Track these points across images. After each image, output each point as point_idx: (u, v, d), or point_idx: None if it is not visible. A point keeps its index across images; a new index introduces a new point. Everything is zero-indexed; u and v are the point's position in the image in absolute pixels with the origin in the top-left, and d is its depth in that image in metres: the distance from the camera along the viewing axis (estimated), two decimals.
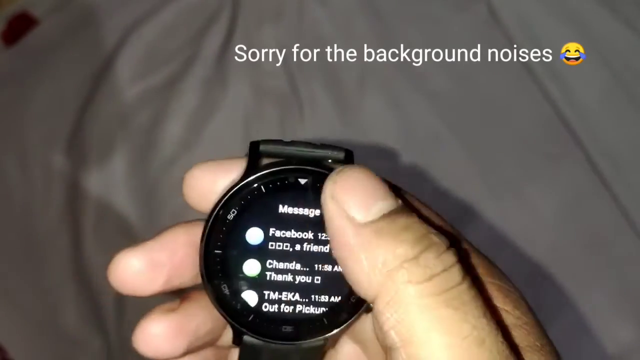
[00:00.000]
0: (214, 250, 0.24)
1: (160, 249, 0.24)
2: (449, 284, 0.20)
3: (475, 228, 0.58)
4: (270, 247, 0.24)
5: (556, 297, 0.57)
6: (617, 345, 0.55)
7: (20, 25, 0.63)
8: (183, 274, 0.25)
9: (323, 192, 0.22)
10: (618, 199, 0.57)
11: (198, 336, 0.25)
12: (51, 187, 0.59)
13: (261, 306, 0.24)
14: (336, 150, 0.25)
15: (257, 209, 0.24)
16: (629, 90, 0.59)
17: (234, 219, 0.24)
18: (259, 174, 0.24)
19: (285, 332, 0.24)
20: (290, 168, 0.24)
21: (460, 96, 0.61)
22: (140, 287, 0.24)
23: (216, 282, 0.24)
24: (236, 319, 0.24)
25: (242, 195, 0.24)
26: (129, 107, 0.61)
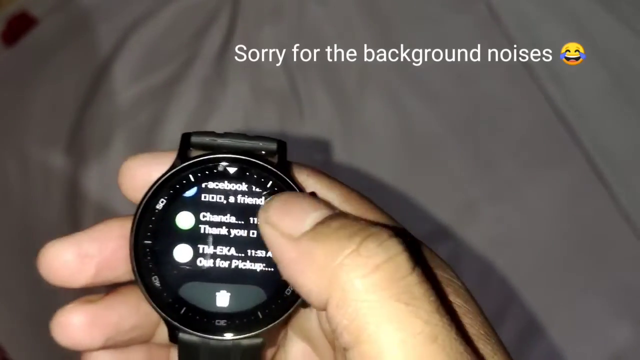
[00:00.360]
0: (143, 240, 0.24)
1: (90, 240, 0.24)
2: (397, 274, 0.20)
3: (475, 228, 0.58)
4: (201, 231, 0.24)
5: (555, 297, 0.57)
6: (615, 345, 0.55)
7: (20, 25, 0.63)
8: (116, 267, 0.24)
9: (258, 221, 0.22)
10: (617, 199, 0.57)
11: (120, 330, 0.25)
12: (51, 186, 0.59)
13: (195, 261, 0.24)
14: (268, 141, 0.25)
15: (186, 199, 0.24)
16: (629, 90, 0.59)
17: (163, 209, 0.24)
18: (187, 163, 0.24)
19: (219, 326, 0.23)
20: (219, 157, 0.24)
21: (460, 96, 0.61)
22: (68, 278, 0.24)
23: (147, 273, 0.23)
24: (168, 312, 0.23)
25: (171, 184, 0.24)
26: (129, 107, 0.61)
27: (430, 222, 0.58)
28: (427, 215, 0.59)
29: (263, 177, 0.24)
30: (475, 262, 0.57)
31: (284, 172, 0.24)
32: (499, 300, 0.57)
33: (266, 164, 0.24)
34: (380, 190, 0.59)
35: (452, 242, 0.58)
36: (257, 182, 0.24)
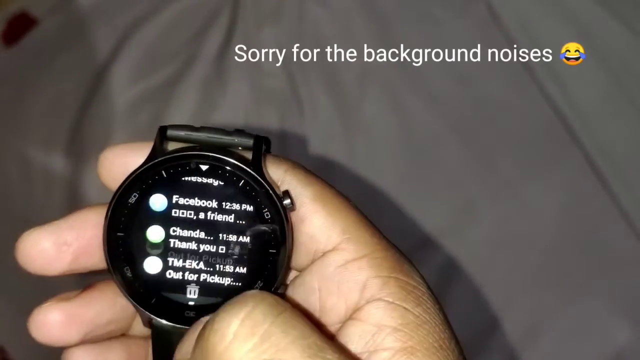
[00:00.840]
0: (116, 233, 0.24)
1: (67, 228, 0.25)
2: (255, 329, 0.20)
3: (475, 228, 0.58)
4: (172, 232, 0.24)
5: (555, 297, 0.57)
6: (615, 346, 0.55)
7: (20, 25, 0.63)
8: (92, 254, 0.25)
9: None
10: (617, 199, 0.57)
11: (98, 325, 0.25)
12: (51, 187, 0.60)
13: (165, 272, 0.24)
14: (245, 136, 0.25)
15: (159, 194, 0.24)
16: (629, 90, 0.59)
17: (136, 202, 0.24)
18: (160, 159, 0.24)
19: (188, 317, 0.24)
20: (191, 154, 0.24)
21: (460, 96, 0.61)
22: (45, 266, 0.25)
23: (119, 264, 0.24)
24: (140, 301, 0.24)
25: (144, 179, 0.24)
26: (129, 107, 0.61)
27: (430, 222, 0.58)
28: (427, 215, 0.59)
29: (235, 176, 0.24)
30: (475, 262, 0.57)
31: (256, 170, 0.24)
32: (499, 300, 0.57)
33: (238, 162, 0.24)
34: (380, 190, 0.59)
35: (451, 242, 0.58)
36: (229, 180, 0.24)
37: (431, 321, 0.22)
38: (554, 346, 0.56)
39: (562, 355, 0.56)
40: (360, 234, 0.24)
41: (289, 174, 0.25)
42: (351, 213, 0.24)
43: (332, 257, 0.24)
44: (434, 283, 0.60)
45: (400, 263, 0.24)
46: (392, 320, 0.22)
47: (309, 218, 0.24)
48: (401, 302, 0.22)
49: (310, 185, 0.24)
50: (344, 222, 0.24)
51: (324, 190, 0.25)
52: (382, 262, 0.23)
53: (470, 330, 0.56)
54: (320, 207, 0.24)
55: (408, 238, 0.58)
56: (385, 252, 0.24)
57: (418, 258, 0.57)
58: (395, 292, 0.23)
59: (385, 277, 0.23)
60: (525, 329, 0.56)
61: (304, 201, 0.24)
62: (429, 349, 0.22)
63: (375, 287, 0.23)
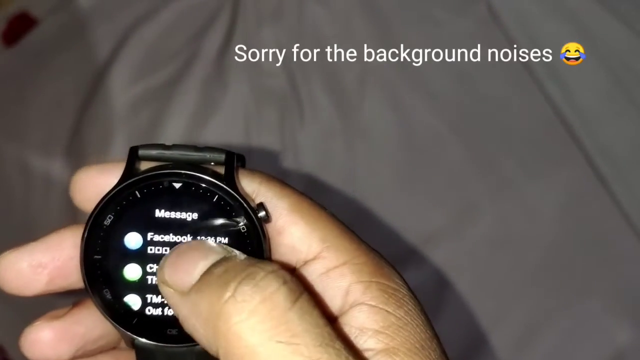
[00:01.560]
0: (93, 255, 0.24)
1: (42, 250, 0.25)
2: (274, 312, 0.20)
3: (475, 228, 0.58)
4: (150, 251, 0.24)
5: (555, 297, 0.57)
6: (615, 346, 0.55)
7: (20, 26, 0.63)
8: (68, 275, 0.25)
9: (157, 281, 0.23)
10: (617, 199, 0.57)
11: (88, 340, 0.26)
12: (51, 187, 0.59)
13: (144, 310, 0.24)
14: (217, 152, 0.25)
15: (134, 214, 0.24)
16: (629, 90, 0.59)
17: (111, 225, 0.24)
18: (133, 179, 0.24)
19: (170, 334, 0.24)
20: (164, 172, 0.24)
21: (460, 96, 0.61)
22: (22, 287, 0.25)
23: (98, 287, 0.24)
24: (121, 323, 0.24)
25: (118, 200, 0.24)
26: (129, 107, 0.61)
27: (430, 221, 0.58)
28: (427, 215, 0.59)
29: (208, 192, 0.24)
30: (475, 262, 0.58)
31: (229, 184, 0.24)
32: (499, 300, 0.57)
33: (211, 177, 0.24)
34: (381, 190, 0.59)
35: (451, 241, 0.58)
36: (203, 196, 0.24)
37: (412, 322, 0.23)
38: (554, 346, 0.56)
39: (562, 356, 0.56)
40: (339, 242, 0.24)
41: (263, 186, 0.25)
42: (329, 222, 0.25)
43: (313, 266, 0.24)
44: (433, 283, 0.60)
45: (381, 267, 0.24)
46: (375, 323, 0.23)
47: (287, 229, 0.24)
48: (383, 306, 0.23)
49: (286, 197, 0.25)
50: (322, 231, 0.24)
51: (301, 201, 0.25)
52: (362, 268, 0.24)
53: (470, 329, 0.56)
54: (298, 218, 0.24)
55: (408, 238, 0.58)
56: (365, 257, 0.24)
57: (418, 257, 0.57)
58: (377, 295, 0.23)
59: (367, 281, 0.23)
60: (525, 328, 0.56)
61: (281, 213, 0.24)
62: (411, 349, 0.22)
63: (357, 292, 0.23)
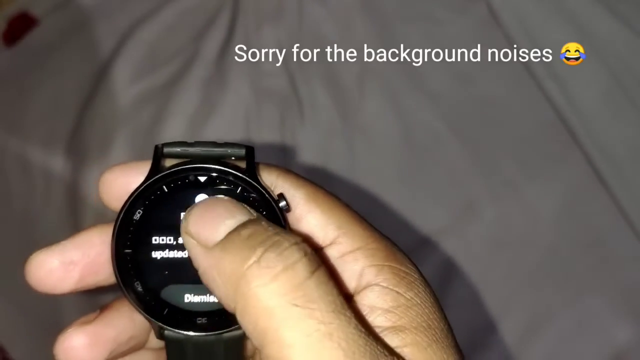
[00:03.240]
0: (124, 250, 0.25)
1: (73, 248, 0.26)
2: (294, 280, 0.22)
3: (475, 227, 0.58)
4: (177, 243, 0.25)
5: (555, 296, 0.57)
6: (615, 346, 0.55)
7: (20, 25, 0.63)
8: (98, 271, 0.26)
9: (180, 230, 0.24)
10: (617, 199, 0.57)
11: (120, 342, 0.27)
12: (51, 187, 0.60)
13: (176, 300, 0.25)
14: (237, 147, 0.26)
15: (162, 208, 0.25)
16: (629, 90, 0.59)
17: (140, 219, 0.25)
18: (160, 175, 0.25)
19: (200, 323, 0.25)
20: (189, 167, 0.25)
21: (460, 96, 0.61)
22: (54, 285, 0.26)
23: (129, 280, 0.25)
24: (152, 314, 0.25)
25: (146, 195, 0.25)
26: (129, 107, 0.61)
27: (430, 221, 0.58)
28: (427, 214, 0.59)
29: (232, 184, 0.26)
30: (476, 262, 0.58)
31: (251, 177, 0.25)
32: (499, 299, 0.57)
33: (234, 170, 0.25)
34: (381, 189, 0.59)
35: (451, 241, 0.58)
36: (226, 188, 0.26)
37: (421, 304, 0.24)
38: (554, 345, 0.56)
39: (562, 355, 0.56)
40: (354, 229, 0.25)
41: (280, 179, 0.26)
42: (344, 210, 0.26)
43: (329, 251, 0.25)
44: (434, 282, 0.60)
45: (393, 252, 0.25)
46: (385, 303, 0.24)
47: (305, 217, 0.26)
48: (394, 287, 0.24)
49: (303, 187, 0.26)
50: (338, 219, 0.26)
51: (316, 191, 0.26)
52: (376, 253, 0.25)
53: (470, 328, 0.56)
54: (315, 207, 0.26)
55: (408, 237, 0.58)
56: (378, 243, 0.25)
57: (418, 257, 0.57)
58: (389, 277, 0.24)
59: (380, 265, 0.25)
60: (525, 328, 0.56)
61: (299, 202, 0.26)
62: (417, 328, 0.23)
63: (370, 274, 0.25)
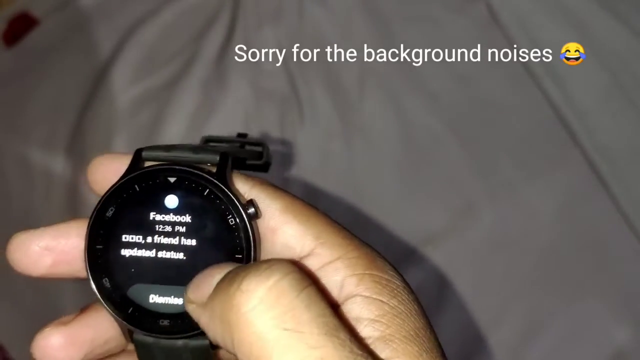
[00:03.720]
0: (95, 245, 0.26)
1: (51, 235, 0.27)
2: (282, 300, 0.21)
3: (474, 228, 0.58)
4: (146, 242, 0.26)
5: (554, 297, 0.57)
6: (614, 346, 0.55)
7: (20, 26, 0.63)
8: (71, 262, 0.27)
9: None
10: (617, 199, 0.57)
11: (96, 344, 0.27)
12: (51, 187, 0.60)
13: (140, 300, 0.26)
14: (212, 153, 0.26)
15: (133, 207, 0.26)
16: (629, 90, 0.59)
17: (113, 216, 0.26)
18: (133, 175, 0.26)
19: (162, 325, 0.25)
20: (159, 169, 0.26)
21: (460, 96, 0.61)
22: (29, 266, 0.27)
23: (98, 275, 0.26)
24: (117, 311, 0.25)
25: (119, 194, 0.26)
26: (129, 107, 0.61)
27: (429, 222, 0.58)
28: (427, 215, 0.59)
29: (200, 186, 0.26)
30: (475, 262, 0.58)
31: (220, 180, 0.26)
32: (499, 300, 0.57)
33: (202, 173, 0.26)
34: (380, 190, 0.59)
35: (450, 242, 0.58)
36: (195, 190, 0.26)
37: (406, 311, 0.24)
38: (554, 346, 0.56)
39: (562, 356, 0.56)
40: (332, 238, 0.25)
41: (256, 189, 0.26)
42: (322, 220, 0.25)
43: (308, 262, 0.25)
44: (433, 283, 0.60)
45: (374, 260, 0.25)
46: (370, 313, 0.23)
47: (281, 228, 0.25)
48: (377, 296, 0.24)
49: (280, 199, 0.26)
50: (316, 229, 0.25)
51: (293, 202, 0.26)
52: (356, 262, 0.24)
53: (470, 330, 0.56)
54: (291, 218, 0.25)
55: (408, 237, 0.58)
56: (357, 251, 0.25)
57: (417, 258, 0.57)
58: (371, 287, 0.24)
59: (360, 274, 0.24)
60: (524, 329, 0.56)
61: (274, 213, 0.25)
62: (406, 337, 0.23)
63: (351, 284, 0.24)
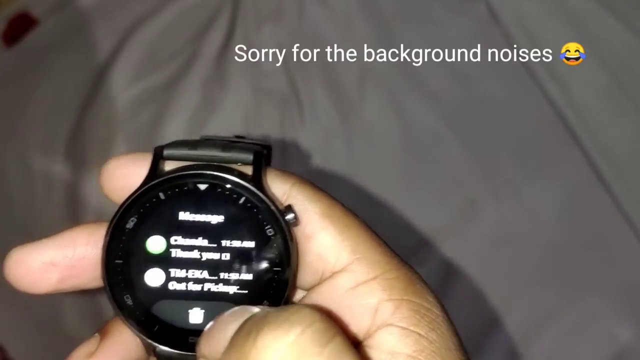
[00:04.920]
0: (115, 260, 0.23)
1: (54, 247, 0.24)
2: (310, 351, 0.18)
3: (475, 227, 0.58)
4: (173, 255, 0.23)
5: (555, 296, 0.57)
6: (615, 345, 0.55)
7: (20, 26, 0.63)
8: (79, 275, 0.24)
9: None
10: (617, 199, 0.57)
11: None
12: (51, 188, 0.59)
13: (166, 316, 0.23)
14: (244, 152, 0.24)
15: (157, 217, 0.23)
16: (629, 90, 0.59)
17: (134, 228, 0.23)
18: (157, 181, 0.23)
19: (192, 343, 0.23)
20: (188, 174, 0.23)
21: (460, 96, 0.61)
22: (31, 285, 0.24)
23: (119, 292, 0.23)
24: (142, 330, 0.23)
25: (141, 203, 0.23)
26: (129, 107, 0.61)
27: (431, 221, 0.58)
28: (428, 214, 0.59)
29: (235, 193, 0.23)
30: (476, 261, 0.58)
31: (256, 186, 0.23)
32: (500, 299, 0.57)
33: (237, 179, 0.23)
34: (381, 189, 0.59)
35: (452, 240, 0.58)
36: (228, 198, 0.23)
37: (445, 347, 0.22)
38: (556, 344, 0.56)
39: (564, 354, 0.56)
40: (371, 254, 0.23)
41: (295, 189, 0.24)
42: (361, 231, 0.23)
43: (342, 279, 0.23)
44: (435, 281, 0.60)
45: (413, 283, 0.23)
46: (406, 347, 0.21)
47: (317, 235, 0.23)
48: (415, 328, 0.22)
49: (319, 201, 0.23)
50: (354, 241, 0.23)
51: (333, 206, 0.24)
52: (394, 284, 0.22)
53: (472, 328, 0.56)
54: (329, 224, 0.23)
55: (409, 237, 0.58)
56: (397, 272, 0.23)
57: (419, 257, 0.57)
58: (408, 316, 0.22)
59: (398, 300, 0.22)
60: (526, 327, 0.56)
61: (312, 217, 0.23)
62: None
63: (387, 311, 0.22)
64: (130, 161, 0.24)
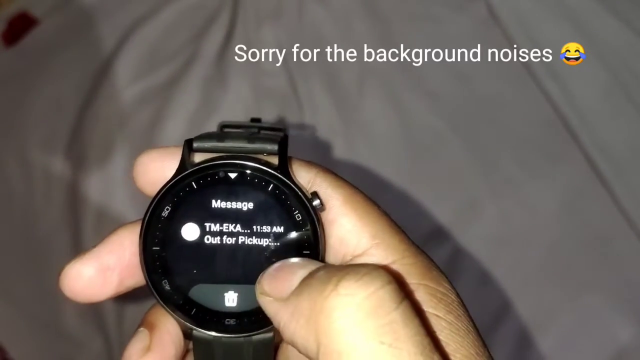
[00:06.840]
0: (152, 247, 0.24)
1: (108, 252, 0.25)
2: (380, 310, 0.19)
3: (475, 227, 0.58)
4: (207, 241, 0.25)
5: (555, 296, 0.57)
6: (616, 345, 0.55)
7: (20, 26, 0.63)
8: (135, 273, 0.25)
9: (256, 296, 0.23)
10: (617, 198, 0.57)
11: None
12: (51, 187, 0.59)
13: (203, 299, 0.25)
14: (269, 142, 0.25)
15: (191, 205, 0.25)
16: (629, 90, 0.59)
17: (169, 216, 0.25)
18: (189, 171, 0.24)
19: (229, 324, 0.24)
20: (219, 163, 0.24)
21: (460, 96, 0.61)
22: (93, 294, 0.25)
23: (157, 278, 0.24)
24: (180, 314, 0.24)
25: (175, 192, 0.25)
26: (129, 107, 0.61)
27: (432, 220, 0.58)
28: (429, 213, 0.59)
29: (264, 181, 0.25)
30: (477, 260, 0.58)
31: (283, 174, 0.24)
32: (500, 298, 0.57)
33: (266, 167, 0.24)
34: (381, 189, 0.59)
35: (453, 240, 0.58)
36: (258, 185, 0.25)
37: (464, 329, 0.22)
38: (557, 343, 0.56)
39: (565, 352, 0.56)
40: (389, 240, 0.24)
41: (319, 177, 0.25)
42: (381, 218, 0.24)
43: (360, 262, 0.24)
44: None
45: (430, 269, 0.24)
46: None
47: (339, 220, 0.24)
48: (432, 310, 0.22)
49: (341, 188, 0.25)
50: (373, 227, 0.24)
51: (354, 194, 0.25)
52: (411, 269, 0.23)
53: None
54: (351, 210, 0.24)
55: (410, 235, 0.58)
56: (414, 258, 0.24)
57: None
58: (426, 299, 0.23)
59: (415, 284, 0.23)
60: (527, 325, 0.56)
61: (334, 203, 0.24)
62: (467, 356, 0.22)
63: None
64: (161, 155, 0.25)
